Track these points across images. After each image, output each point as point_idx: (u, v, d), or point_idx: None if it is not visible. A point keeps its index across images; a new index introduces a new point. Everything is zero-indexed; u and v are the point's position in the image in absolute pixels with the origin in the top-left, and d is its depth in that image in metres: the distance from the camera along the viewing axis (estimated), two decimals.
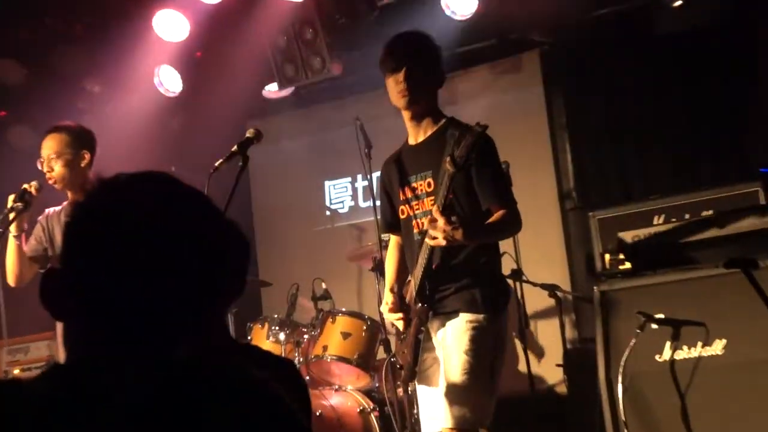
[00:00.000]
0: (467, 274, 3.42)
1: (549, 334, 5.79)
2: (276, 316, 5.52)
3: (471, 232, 3.23)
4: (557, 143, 6.28)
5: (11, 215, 4.18)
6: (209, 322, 1.41)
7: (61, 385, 1.29)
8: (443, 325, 3.44)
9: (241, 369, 1.31)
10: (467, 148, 3.11)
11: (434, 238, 3.20)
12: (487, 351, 3.37)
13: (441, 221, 3.15)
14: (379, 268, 5.20)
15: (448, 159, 3.15)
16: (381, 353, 5.19)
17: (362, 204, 7.00)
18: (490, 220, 3.37)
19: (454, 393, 3.33)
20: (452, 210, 3.26)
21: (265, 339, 5.32)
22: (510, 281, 4.97)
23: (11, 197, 4.20)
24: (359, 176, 6.93)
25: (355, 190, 7.05)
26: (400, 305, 3.56)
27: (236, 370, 1.30)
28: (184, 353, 1.33)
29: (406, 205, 3.55)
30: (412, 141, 3.57)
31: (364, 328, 5.19)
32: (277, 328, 5.38)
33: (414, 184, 3.52)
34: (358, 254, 5.90)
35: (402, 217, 3.58)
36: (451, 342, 3.38)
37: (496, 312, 3.42)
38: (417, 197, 3.50)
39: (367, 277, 6.22)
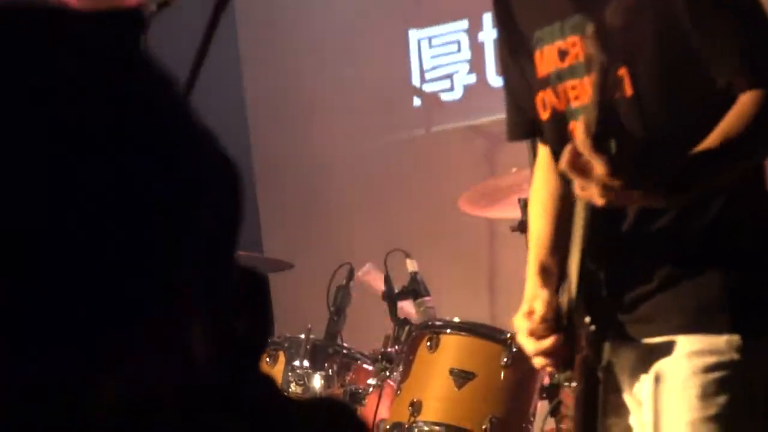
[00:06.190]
0: (687, 251, 1.93)
1: None
2: (302, 336, 3.47)
3: (666, 185, 1.83)
4: None
5: None
6: (160, 345, 0.82)
7: None
8: (647, 362, 1.98)
9: None
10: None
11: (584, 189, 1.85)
12: (747, 409, 1.99)
13: (598, 165, 1.71)
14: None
15: (591, 30, 1.74)
16: (541, 411, 3.13)
17: (492, 82, 4.19)
18: (718, 129, 1.85)
19: None
20: (622, 140, 1.82)
21: (279, 381, 3.37)
22: None
23: None
24: (485, 18, 4.17)
25: (478, 48, 4.30)
26: (557, 318, 2.00)
27: None
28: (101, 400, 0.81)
29: (549, 91, 1.96)
30: None
31: (505, 360, 3.26)
32: (305, 360, 3.43)
33: (559, 43, 1.96)
34: (486, 194, 3.66)
35: (544, 115, 1.96)
36: (672, 399, 1.99)
37: (763, 328, 1.98)
38: (570, 72, 1.92)
39: (504, 243, 3.89)
